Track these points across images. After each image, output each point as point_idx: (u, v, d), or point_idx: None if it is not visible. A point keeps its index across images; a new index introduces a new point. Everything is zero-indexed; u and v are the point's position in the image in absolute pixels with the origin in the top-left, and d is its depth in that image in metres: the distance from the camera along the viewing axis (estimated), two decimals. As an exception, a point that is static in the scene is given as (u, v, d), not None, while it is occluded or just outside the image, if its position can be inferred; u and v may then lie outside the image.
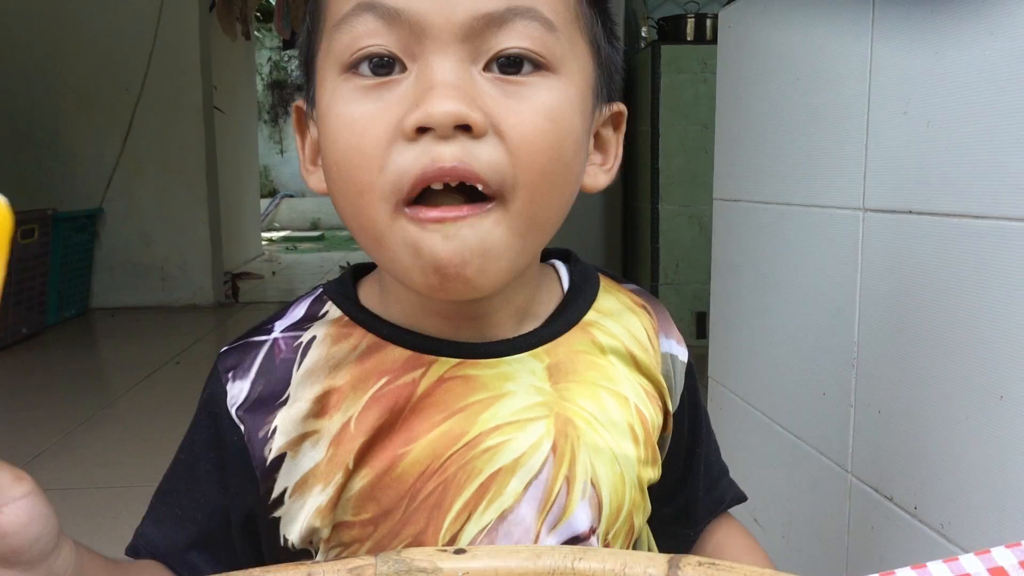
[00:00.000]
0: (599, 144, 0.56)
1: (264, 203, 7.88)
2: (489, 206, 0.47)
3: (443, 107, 0.45)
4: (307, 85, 0.55)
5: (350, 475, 0.52)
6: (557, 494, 0.53)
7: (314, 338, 0.55)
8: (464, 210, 0.47)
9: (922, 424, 0.87)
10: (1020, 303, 0.72)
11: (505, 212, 0.47)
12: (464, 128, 0.45)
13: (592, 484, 0.54)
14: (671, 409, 0.60)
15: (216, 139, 4.28)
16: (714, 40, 1.55)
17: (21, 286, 3.18)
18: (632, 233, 3.51)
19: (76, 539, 0.49)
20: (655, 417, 0.58)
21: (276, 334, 0.56)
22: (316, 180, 0.55)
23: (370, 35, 0.47)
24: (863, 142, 0.95)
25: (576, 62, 0.51)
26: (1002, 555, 0.40)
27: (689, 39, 3.10)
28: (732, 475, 0.70)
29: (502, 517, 0.52)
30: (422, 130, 0.45)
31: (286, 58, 8.83)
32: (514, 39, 0.47)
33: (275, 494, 0.53)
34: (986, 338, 0.76)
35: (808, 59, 1.09)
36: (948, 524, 0.82)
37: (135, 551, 0.57)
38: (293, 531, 0.53)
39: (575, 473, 0.53)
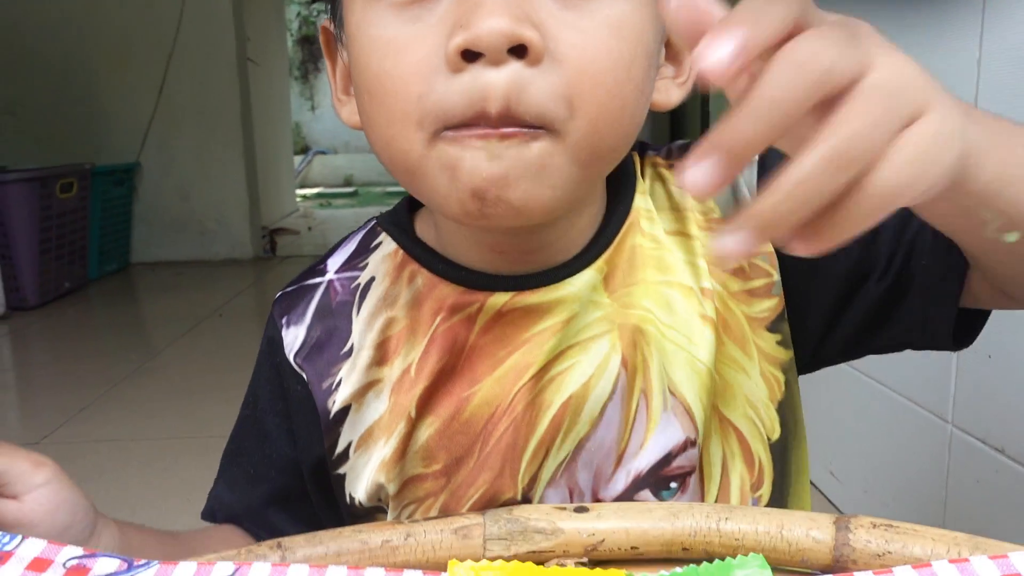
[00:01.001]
0: (671, 54, 0.48)
1: (297, 160, 7.85)
2: (545, 142, 0.40)
3: (491, 25, 0.37)
4: (335, 17, 0.48)
5: (414, 424, 0.48)
6: (636, 410, 0.47)
7: (372, 279, 0.50)
8: (516, 132, 0.39)
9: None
10: None
11: (560, 143, 0.40)
12: (517, 52, 0.38)
13: (671, 392, 0.47)
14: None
15: (251, 93, 4.23)
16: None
17: (62, 240, 3.17)
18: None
19: (124, 490, 0.44)
20: (732, 282, 0.49)
21: (331, 275, 0.52)
22: (348, 112, 0.48)
23: None
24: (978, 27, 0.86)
25: None
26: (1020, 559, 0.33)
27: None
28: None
29: (579, 446, 0.47)
30: (469, 57, 0.38)
31: (315, 13, 8.71)
32: None
33: (339, 448, 0.50)
34: None
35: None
36: (1077, 479, 0.75)
37: (211, 515, 0.55)
38: (359, 489, 0.49)
39: (651, 384, 0.47)
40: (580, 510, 0.38)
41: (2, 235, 2.93)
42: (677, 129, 3.40)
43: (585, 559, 0.37)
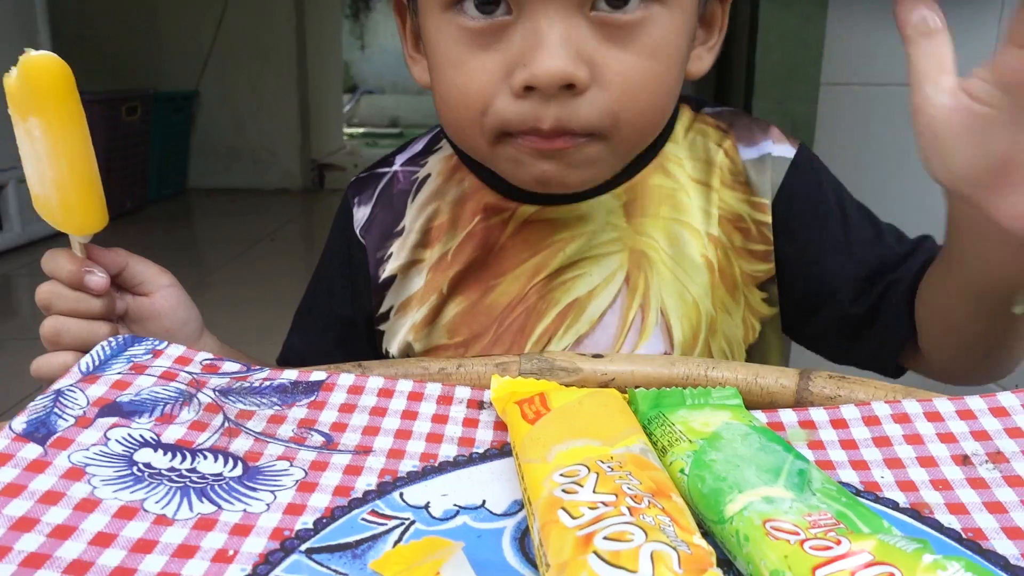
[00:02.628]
0: (703, 20, 0.55)
1: (345, 98, 7.88)
2: (590, 140, 0.49)
3: (550, 67, 0.45)
4: None
5: (444, 300, 0.58)
6: (632, 321, 0.56)
7: (428, 175, 0.60)
8: (567, 141, 0.49)
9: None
10: None
11: (607, 144, 0.50)
12: (568, 86, 0.46)
13: (662, 313, 0.56)
14: (768, 208, 0.57)
15: (307, 28, 4.30)
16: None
17: (126, 161, 3.32)
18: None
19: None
20: (737, 236, 0.57)
21: (396, 167, 0.62)
22: (420, 70, 0.57)
23: None
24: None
25: None
26: (974, 401, 0.40)
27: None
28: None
29: (579, 342, 0.56)
30: (529, 89, 0.47)
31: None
32: None
33: (383, 309, 0.60)
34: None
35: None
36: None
37: (285, 360, 0.64)
38: (393, 345, 0.60)
39: (649, 302, 0.56)
40: (597, 356, 0.47)
41: (71, 153, 3.08)
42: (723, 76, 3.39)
43: (598, 393, 0.46)
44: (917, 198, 1.09)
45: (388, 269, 0.59)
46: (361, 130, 8.04)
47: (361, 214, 0.61)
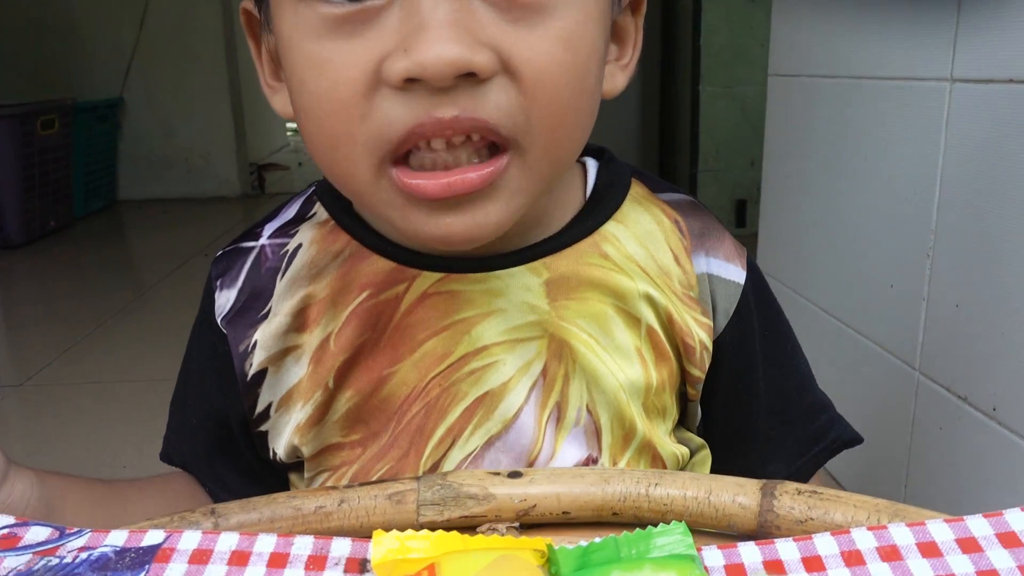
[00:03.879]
0: (615, 34, 0.46)
1: (287, 91, 7.68)
2: (504, 160, 0.39)
3: (438, 52, 0.35)
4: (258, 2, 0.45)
5: (332, 394, 0.48)
6: (547, 420, 0.47)
7: (300, 246, 0.50)
8: (470, 172, 0.38)
9: (1006, 319, 0.79)
10: None
11: (523, 162, 0.40)
12: (466, 75, 0.36)
13: (588, 411, 0.47)
14: (715, 331, 0.50)
15: (235, 24, 4.13)
16: None
17: (46, 178, 3.14)
18: (670, 118, 3.34)
19: (108, 432, 0.45)
20: (677, 349, 0.50)
21: (264, 240, 0.51)
22: (281, 101, 0.46)
23: None
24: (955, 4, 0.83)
25: None
26: (977, 525, 0.33)
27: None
28: None
29: (489, 443, 0.47)
30: (412, 82, 0.36)
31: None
32: None
33: (259, 408, 0.50)
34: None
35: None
36: (1035, 428, 0.76)
37: (168, 457, 0.56)
38: (280, 446, 0.50)
39: (567, 399, 0.47)
40: (513, 475, 0.38)
41: (-17, 173, 2.90)
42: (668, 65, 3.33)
43: (517, 524, 0.38)
44: (864, 189, 1.03)
45: (255, 363, 0.49)
46: (305, 124, 7.85)
47: (224, 299, 0.50)
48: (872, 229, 1.03)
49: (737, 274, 0.50)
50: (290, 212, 0.52)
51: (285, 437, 0.49)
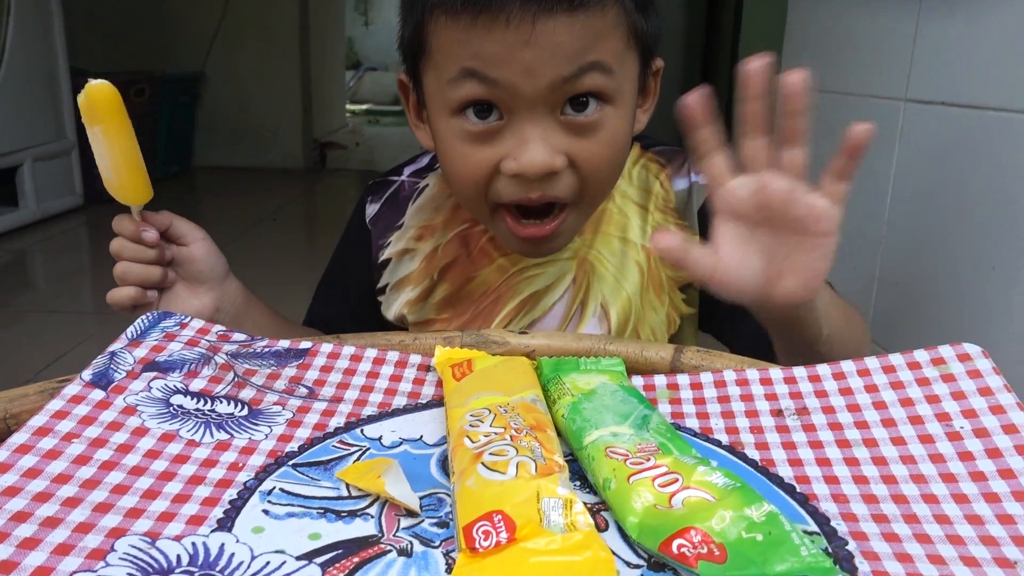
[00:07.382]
0: (641, 91, 0.70)
1: (348, 75, 7.94)
2: (565, 213, 0.66)
3: (534, 162, 0.61)
4: (412, 76, 0.69)
5: (435, 284, 0.75)
6: (573, 313, 0.73)
7: (427, 185, 0.78)
8: (548, 225, 0.66)
9: (939, 296, 0.99)
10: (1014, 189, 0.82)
11: (577, 209, 0.67)
12: (551, 173, 0.62)
13: (602, 307, 0.72)
14: (690, 229, 0.73)
15: (309, 10, 4.39)
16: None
17: (134, 141, 3.44)
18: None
19: None
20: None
21: (404, 176, 0.79)
22: (424, 136, 0.72)
23: (475, 94, 0.61)
24: (912, 29, 1.02)
25: (628, 80, 0.65)
26: (823, 368, 0.53)
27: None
28: None
29: (532, 325, 0.73)
30: (516, 175, 0.62)
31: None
32: (584, 88, 0.61)
33: (380, 284, 0.77)
34: (981, 219, 0.86)
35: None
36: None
37: (310, 323, 0.82)
38: (390, 313, 0.77)
39: (588, 300, 0.73)
40: (522, 332, 0.61)
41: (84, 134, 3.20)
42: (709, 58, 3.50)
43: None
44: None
45: (386, 253, 0.76)
46: (364, 106, 8.11)
47: (372, 209, 0.78)
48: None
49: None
50: (424, 161, 0.80)
51: (395, 308, 0.76)
